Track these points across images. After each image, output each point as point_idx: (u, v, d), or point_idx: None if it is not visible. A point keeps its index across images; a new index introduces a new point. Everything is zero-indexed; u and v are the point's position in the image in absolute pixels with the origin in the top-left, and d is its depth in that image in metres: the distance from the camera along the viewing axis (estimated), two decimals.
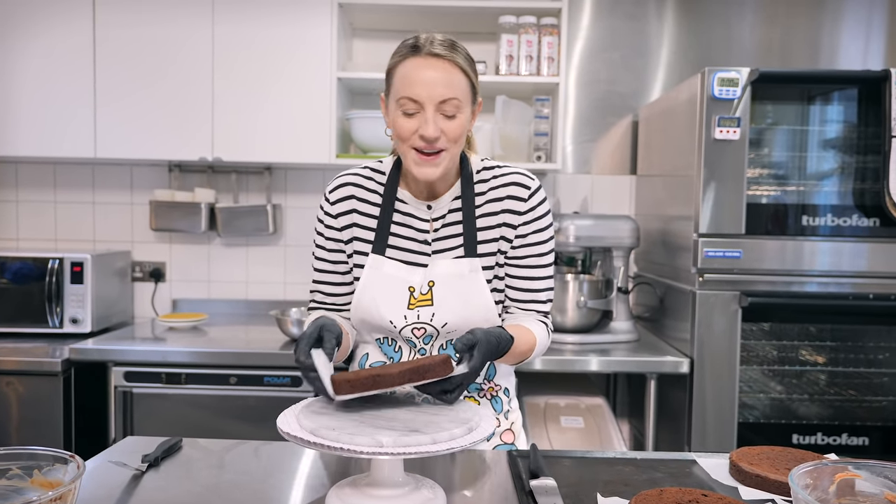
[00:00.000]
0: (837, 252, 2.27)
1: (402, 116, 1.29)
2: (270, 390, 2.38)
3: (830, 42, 3.06)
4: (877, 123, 2.22)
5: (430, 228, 1.41)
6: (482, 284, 1.38)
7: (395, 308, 1.38)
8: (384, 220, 1.40)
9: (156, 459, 1.25)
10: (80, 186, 3.07)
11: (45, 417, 2.36)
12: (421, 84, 1.26)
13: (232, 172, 3.04)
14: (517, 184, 1.40)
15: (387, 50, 3.13)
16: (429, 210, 1.41)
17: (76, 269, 2.63)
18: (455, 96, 1.28)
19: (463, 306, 1.37)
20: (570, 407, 2.53)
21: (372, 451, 0.97)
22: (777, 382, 2.41)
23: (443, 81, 1.27)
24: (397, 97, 1.29)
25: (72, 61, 2.67)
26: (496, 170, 1.43)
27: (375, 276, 1.39)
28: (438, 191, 1.41)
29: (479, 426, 1.10)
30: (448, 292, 1.37)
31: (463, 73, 1.30)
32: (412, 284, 1.38)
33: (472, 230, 1.39)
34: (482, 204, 1.41)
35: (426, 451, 0.99)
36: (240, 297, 3.10)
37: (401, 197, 1.42)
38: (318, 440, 1.00)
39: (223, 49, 2.66)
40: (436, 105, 1.27)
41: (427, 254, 1.41)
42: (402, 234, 1.41)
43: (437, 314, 1.37)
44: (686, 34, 3.05)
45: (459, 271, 1.37)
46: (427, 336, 1.40)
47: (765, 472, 1.18)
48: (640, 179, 3.02)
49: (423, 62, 1.27)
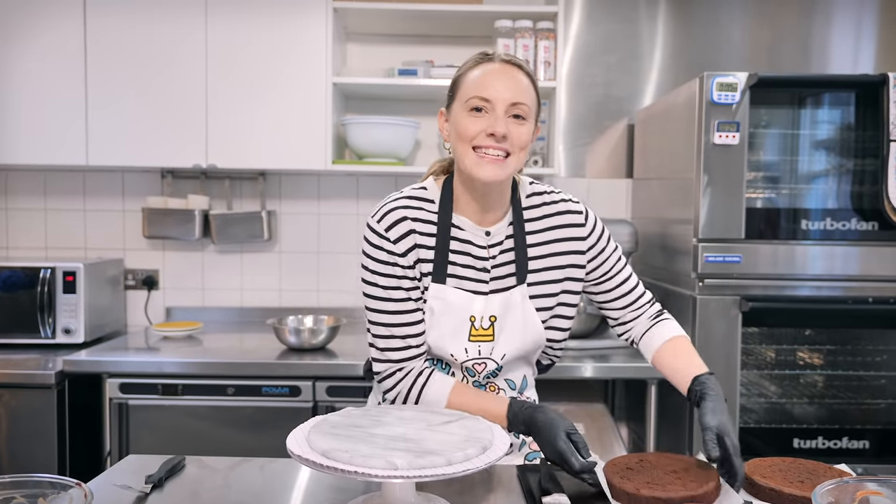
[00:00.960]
0: (836, 256, 2.27)
1: (468, 116, 1.28)
2: (269, 401, 2.35)
3: (821, 44, 3.06)
4: (874, 127, 2.23)
5: (488, 255, 1.37)
6: (534, 312, 1.38)
7: (456, 340, 1.36)
8: (441, 247, 1.34)
9: (160, 480, 1.22)
10: (70, 194, 3.02)
11: (39, 431, 2.32)
12: (493, 86, 1.26)
13: (225, 178, 3.01)
14: (571, 212, 1.41)
15: (381, 54, 3.12)
16: (487, 237, 1.38)
17: (69, 278, 2.59)
18: (526, 102, 1.27)
19: (521, 337, 1.38)
20: (570, 413, 2.52)
21: (386, 474, 0.96)
22: (777, 386, 2.41)
23: (516, 86, 1.27)
24: (466, 98, 1.28)
25: (63, 68, 2.63)
26: (545, 196, 1.42)
27: (438, 305, 1.34)
28: (493, 213, 1.37)
29: (493, 445, 1.08)
30: (507, 325, 1.37)
31: (532, 84, 1.31)
32: (473, 314, 1.36)
33: (524, 258, 1.37)
34: (538, 231, 1.40)
35: (441, 473, 0.97)
36: (234, 304, 3.07)
37: (457, 223, 1.37)
38: (330, 463, 0.98)
39: (217, 55, 2.63)
40: (507, 106, 1.26)
41: (486, 281, 1.37)
42: (460, 263, 1.36)
43: (496, 348, 1.38)
44: (679, 37, 3.05)
45: (514, 301, 1.37)
46: (489, 372, 1.40)
47: (778, 485, 1.17)
48: (636, 183, 3.01)
49: (497, 66, 1.29)
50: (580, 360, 2.36)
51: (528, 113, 1.28)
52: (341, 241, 3.04)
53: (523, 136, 1.28)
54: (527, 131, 1.28)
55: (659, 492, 1.12)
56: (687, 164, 2.35)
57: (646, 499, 1.12)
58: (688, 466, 1.21)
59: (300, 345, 2.50)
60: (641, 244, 2.75)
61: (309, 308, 3.01)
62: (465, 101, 1.28)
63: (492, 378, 1.43)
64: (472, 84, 1.28)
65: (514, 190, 1.40)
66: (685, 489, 1.12)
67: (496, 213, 1.37)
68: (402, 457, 0.98)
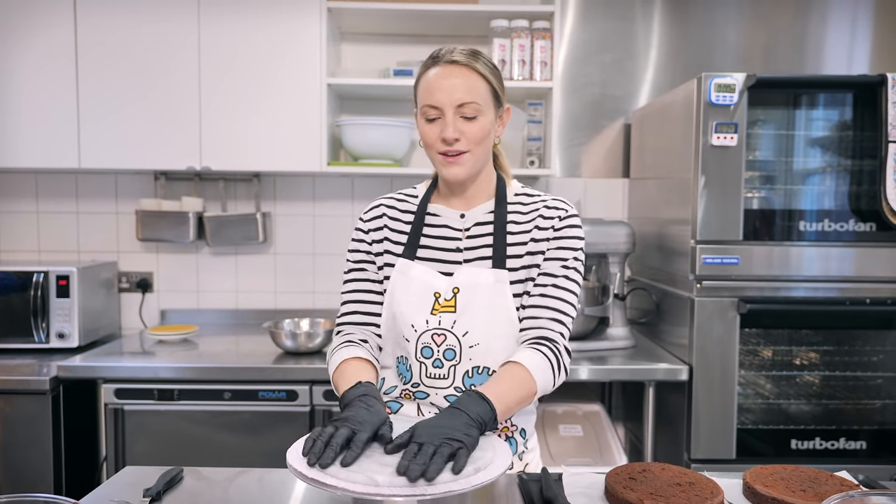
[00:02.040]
0: (834, 257, 2.27)
1: (425, 124, 1.37)
2: (266, 405, 2.34)
3: (816, 44, 3.06)
4: (873, 128, 2.22)
5: (462, 236, 1.43)
6: (508, 297, 1.37)
7: (418, 312, 1.37)
8: (416, 228, 1.44)
9: (158, 493, 1.21)
10: (63, 196, 3.00)
11: (33, 438, 2.30)
12: (439, 91, 1.33)
13: (220, 180, 2.98)
14: (553, 207, 1.43)
15: (375, 54, 3.10)
16: (462, 219, 1.44)
17: (62, 282, 2.57)
18: (473, 100, 1.33)
19: (486, 317, 1.35)
20: (568, 414, 2.52)
21: (382, 492, 0.95)
22: (774, 387, 2.41)
23: (461, 86, 1.33)
24: (420, 106, 1.37)
25: (54, 70, 2.60)
26: (535, 197, 1.46)
27: (402, 280, 1.40)
28: (473, 200, 1.45)
29: (494, 462, 1.07)
30: (472, 300, 1.36)
31: (482, 78, 1.35)
32: (438, 290, 1.38)
33: (502, 243, 1.40)
34: (517, 222, 1.43)
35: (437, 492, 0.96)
36: (229, 306, 3.05)
37: (433, 211, 1.46)
38: (332, 481, 0.96)
39: (210, 56, 2.61)
40: (454, 109, 1.33)
41: (458, 262, 1.41)
42: (433, 239, 1.43)
43: (458, 321, 1.35)
44: (674, 36, 3.04)
45: (486, 280, 1.37)
46: (449, 350, 1.35)
47: (781, 494, 1.17)
48: (633, 183, 3.01)
49: (441, 70, 1.35)
50: (577, 362, 2.36)
51: (478, 109, 1.34)
52: (337, 242, 3.03)
53: (476, 133, 1.34)
54: (479, 126, 1.34)
55: (662, 503, 1.11)
56: (684, 164, 2.34)
57: None
58: (693, 480, 1.21)
59: (297, 348, 2.49)
60: (639, 245, 2.74)
61: (304, 310, 3.00)
62: (420, 108, 1.38)
63: None
64: (423, 92, 1.37)
65: (503, 187, 1.46)
66: (689, 502, 1.11)
67: (478, 198, 1.45)
68: (391, 475, 0.97)
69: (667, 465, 1.28)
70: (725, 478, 1.30)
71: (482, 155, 1.38)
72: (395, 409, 1.41)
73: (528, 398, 1.30)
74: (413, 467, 0.99)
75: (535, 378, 1.29)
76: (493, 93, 1.37)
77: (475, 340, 1.35)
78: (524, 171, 2.77)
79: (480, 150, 1.37)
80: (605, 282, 2.59)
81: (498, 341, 1.36)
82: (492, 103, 1.37)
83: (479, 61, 1.36)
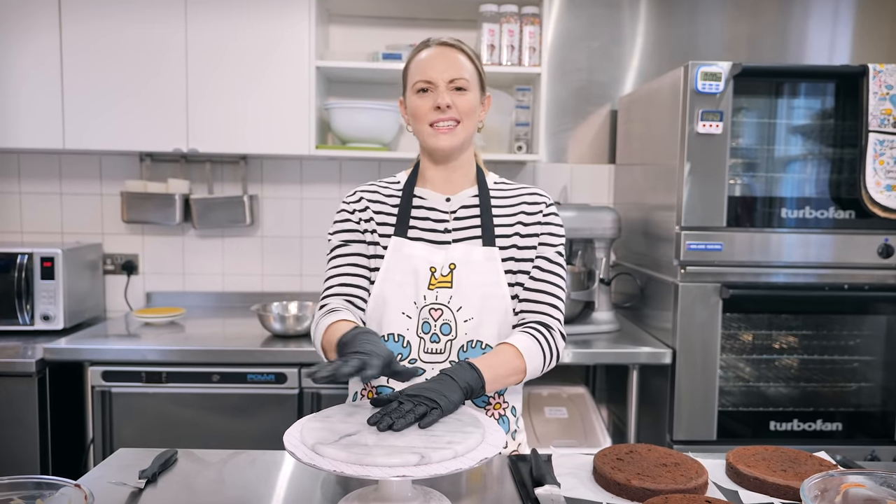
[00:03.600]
0: (814, 244, 2.32)
1: (418, 98, 1.43)
2: (254, 388, 2.35)
3: (799, 34, 3.10)
4: (854, 117, 2.27)
5: (449, 217, 1.48)
6: (500, 274, 1.43)
7: (417, 287, 1.41)
8: (403, 210, 1.48)
9: (153, 475, 1.22)
10: (46, 177, 2.96)
11: (19, 420, 2.29)
12: (431, 68, 1.42)
13: (206, 162, 2.97)
14: (536, 193, 1.52)
15: (364, 37, 3.08)
16: (448, 202, 1.49)
17: (46, 263, 2.55)
18: (463, 76, 1.42)
19: (480, 292, 1.41)
20: (553, 397, 2.56)
21: (388, 474, 0.97)
22: (755, 370, 2.47)
23: (452, 63, 1.42)
24: (413, 82, 1.44)
25: (38, 50, 2.56)
26: (512, 186, 1.54)
27: (397, 257, 1.43)
28: (456, 184, 1.50)
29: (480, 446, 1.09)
30: (467, 276, 1.41)
31: (470, 59, 1.45)
32: (434, 264, 1.42)
33: (490, 222, 1.46)
34: (500, 205, 1.49)
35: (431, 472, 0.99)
36: (216, 289, 3.05)
37: (419, 194, 1.51)
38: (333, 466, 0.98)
39: (197, 37, 2.58)
40: (447, 83, 1.41)
41: (447, 241, 1.45)
42: (421, 221, 1.47)
43: (454, 297, 1.40)
44: (660, 24, 3.06)
45: (478, 257, 1.43)
46: (445, 324, 1.40)
47: (762, 474, 1.21)
48: (619, 168, 3.03)
49: (433, 51, 1.44)
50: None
51: (467, 84, 1.42)
52: (324, 225, 3.03)
53: (467, 104, 1.42)
54: (469, 99, 1.43)
55: (649, 483, 1.15)
56: (670, 151, 2.37)
57: (636, 489, 1.15)
58: (678, 460, 1.24)
59: (285, 331, 2.50)
60: (624, 230, 2.77)
61: (291, 293, 3.01)
62: (413, 84, 1.44)
63: None
64: (416, 69, 1.44)
65: (482, 175, 1.52)
66: (675, 482, 1.15)
67: (460, 184, 1.51)
68: (402, 455, 0.99)
69: (653, 447, 1.31)
70: (709, 458, 1.34)
71: (470, 129, 1.46)
72: (386, 392, 1.43)
73: (517, 375, 1.36)
74: (384, 420, 1.08)
75: (525, 359, 1.36)
76: (478, 76, 1.46)
77: (469, 315, 1.40)
78: (512, 156, 2.78)
79: (469, 122, 1.44)
80: (590, 266, 2.62)
81: (490, 315, 1.41)
82: (478, 84, 1.46)
83: (466, 46, 1.47)
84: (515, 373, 1.35)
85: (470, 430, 1.10)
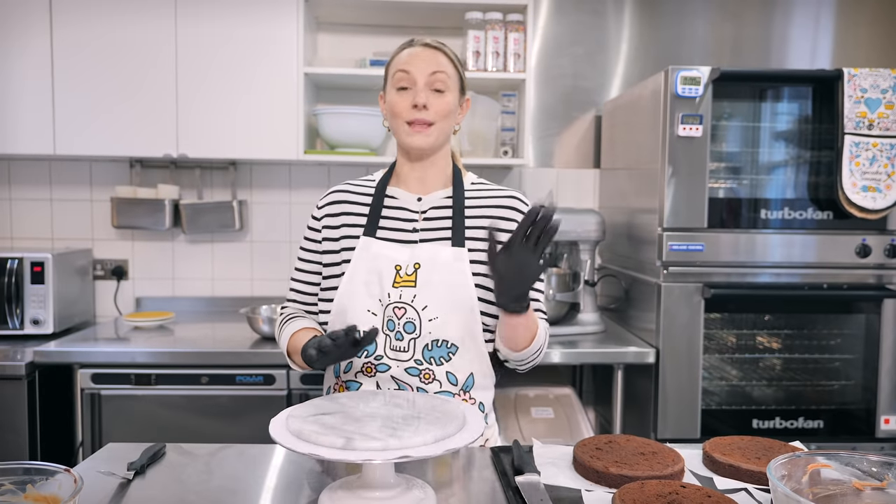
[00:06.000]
0: (793, 244, 2.36)
1: (397, 95, 1.45)
2: (243, 389, 2.37)
3: (781, 39, 3.17)
4: (830, 120, 2.32)
5: (418, 218, 1.50)
6: (467, 274, 1.43)
7: (381, 286, 1.43)
8: (375, 209, 1.51)
9: (142, 467, 1.24)
10: (36, 183, 2.98)
11: (9, 423, 2.30)
12: (413, 61, 1.45)
13: (196, 168, 2.99)
14: (516, 198, 1.54)
15: (352, 44, 3.12)
16: (418, 202, 1.52)
17: (36, 268, 2.57)
18: (443, 70, 1.45)
19: (446, 292, 1.42)
20: (540, 398, 2.59)
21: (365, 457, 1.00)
22: (737, 370, 2.51)
23: (433, 62, 1.45)
24: (393, 73, 1.46)
25: (29, 56, 2.59)
26: (490, 186, 1.57)
27: (364, 256, 1.46)
28: (430, 184, 1.53)
29: (465, 426, 1.12)
30: (432, 275, 1.42)
31: (450, 60, 1.48)
32: (399, 263, 1.44)
33: (461, 223, 1.48)
34: (474, 206, 1.51)
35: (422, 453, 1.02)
36: (205, 294, 3.07)
37: (391, 193, 1.54)
38: (316, 450, 1.01)
39: (187, 43, 2.62)
40: (426, 77, 1.44)
41: (413, 241, 1.48)
42: (390, 220, 1.50)
43: (418, 296, 1.42)
44: (644, 30, 3.12)
45: (444, 259, 1.44)
46: (408, 323, 1.42)
47: (737, 461, 1.24)
48: (603, 173, 3.08)
49: (416, 49, 1.48)
50: (549, 346, 2.41)
51: (446, 83, 1.45)
52: None
53: (444, 105, 1.45)
54: (447, 101, 1.45)
55: (626, 470, 1.18)
56: (652, 155, 2.42)
57: (614, 476, 1.18)
58: (655, 449, 1.27)
59: (273, 333, 2.52)
60: (609, 233, 2.82)
61: (281, 298, 3.01)
62: (392, 77, 1.47)
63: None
64: (397, 63, 1.47)
65: (459, 176, 1.54)
66: (652, 469, 1.18)
67: (433, 184, 1.53)
68: (380, 435, 1.02)
69: (631, 437, 1.35)
70: (686, 449, 1.37)
71: (446, 130, 1.48)
72: (355, 388, 1.46)
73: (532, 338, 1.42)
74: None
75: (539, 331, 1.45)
76: (458, 77, 1.50)
77: (434, 314, 1.42)
78: (498, 160, 2.82)
79: (445, 124, 1.47)
80: (576, 269, 2.66)
81: (456, 315, 1.42)
82: (457, 87, 1.49)
83: (448, 48, 1.50)
84: (532, 336, 1.42)
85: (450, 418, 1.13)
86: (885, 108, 2.25)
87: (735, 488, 1.19)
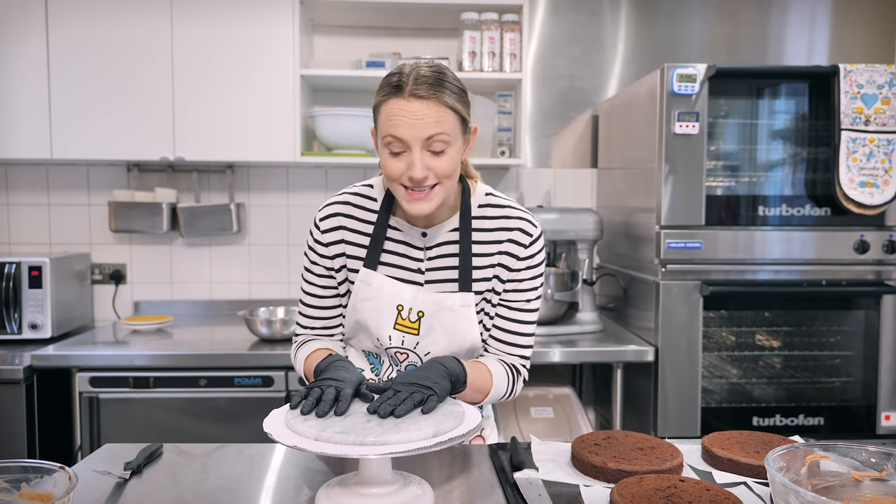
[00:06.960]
0: (792, 241, 2.36)
1: (389, 157, 1.27)
2: (241, 391, 2.36)
3: (777, 37, 3.17)
4: (827, 116, 2.32)
5: (423, 257, 1.41)
6: (472, 320, 1.38)
7: (382, 325, 1.39)
8: (376, 240, 1.39)
9: (138, 466, 1.24)
10: (33, 188, 2.98)
11: (7, 427, 2.30)
12: (405, 125, 1.23)
13: (193, 171, 2.99)
14: (521, 230, 1.41)
15: (348, 46, 3.12)
16: (423, 238, 1.40)
17: (34, 273, 2.56)
18: (442, 131, 1.24)
19: (449, 340, 1.39)
20: (539, 398, 2.58)
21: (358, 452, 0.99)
22: (736, 367, 2.50)
23: (428, 120, 1.23)
24: (384, 135, 1.26)
25: (25, 60, 2.59)
26: (500, 209, 1.42)
27: (364, 290, 1.39)
28: (435, 217, 1.39)
29: (463, 421, 1.12)
30: (435, 324, 1.38)
31: (449, 109, 1.25)
32: (401, 302, 1.38)
33: (468, 265, 1.38)
34: (481, 241, 1.40)
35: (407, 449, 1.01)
36: (203, 297, 3.06)
37: (394, 224, 1.41)
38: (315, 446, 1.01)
39: (183, 46, 2.62)
40: (422, 143, 1.24)
41: (419, 283, 1.41)
42: (394, 256, 1.41)
43: (421, 343, 1.39)
44: (641, 29, 3.12)
45: (451, 305, 1.37)
46: (410, 366, 1.42)
47: (736, 455, 1.24)
48: (601, 172, 3.08)
49: (406, 104, 1.23)
50: (548, 346, 2.42)
51: (447, 141, 1.26)
52: None
53: (445, 167, 1.27)
54: (448, 160, 1.27)
55: (625, 465, 1.17)
56: (649, 153, 2.42)
57: (612, 471, 1.17)
58: (654, 444, 1.27)
59: (272, 335, 2.52)
60: (606, 232, 2.82)
61: (279, 300, 3.03)
62: (383, 137, 1.27)
63: None
64: (387, 122, 1.25)
65: (468, 197, 1.41)
66: (650, 464, 1.17)
67: (440, 215, 1.40)
68: (374, 432, 1.02)
69: (630, 433, 1.34)
70: (685, 444, 1.37)
71: (451, 185, 1.32)
72: None
73: (483, 393, 1.38)
74: (384, 406, 1.08)
75: (494, 383, 1.39)
76: (461, 121, 1.29)
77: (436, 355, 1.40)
78: (495, 160, 2.82)
79: (450, 181, 1.30)
80: (574, 268, 2.66)
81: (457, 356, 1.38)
82: (460, 132, 1.29)
83: (444, 90, 1.25)
84: (482, 391, 1.37)
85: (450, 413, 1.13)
86: (882, 104, 2.25)
87: (734, 482, 1.19)
